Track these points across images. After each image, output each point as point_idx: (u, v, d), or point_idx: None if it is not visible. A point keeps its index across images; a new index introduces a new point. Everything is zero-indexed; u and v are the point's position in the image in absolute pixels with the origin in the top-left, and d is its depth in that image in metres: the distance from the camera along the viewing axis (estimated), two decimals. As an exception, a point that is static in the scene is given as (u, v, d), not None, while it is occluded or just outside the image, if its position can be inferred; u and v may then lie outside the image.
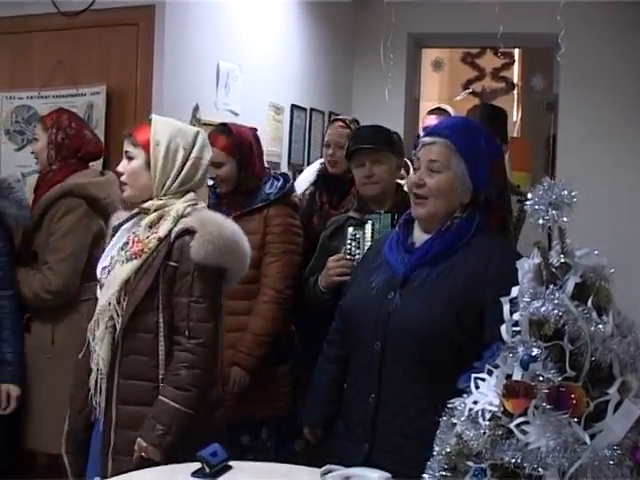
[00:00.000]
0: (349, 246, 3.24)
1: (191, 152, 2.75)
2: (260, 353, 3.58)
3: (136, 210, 2.81)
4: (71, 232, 3.47)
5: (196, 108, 4.38)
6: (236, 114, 4.79)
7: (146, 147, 2.73)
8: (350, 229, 3.26)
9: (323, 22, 6.30)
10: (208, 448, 2.30)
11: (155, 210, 2.71)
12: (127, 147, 2.77)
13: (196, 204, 2.76)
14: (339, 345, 2.70)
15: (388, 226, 3.15)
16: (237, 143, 3.66)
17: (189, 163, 2.75)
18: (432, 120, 4.70)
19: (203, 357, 2.65)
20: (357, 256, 3.20)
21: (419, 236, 2.51)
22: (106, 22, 4.25)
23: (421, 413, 2.33)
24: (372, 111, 6.14)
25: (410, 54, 7.06)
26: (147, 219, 2.72)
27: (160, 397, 2.60)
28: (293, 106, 5.86)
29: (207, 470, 2.25)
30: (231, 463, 2.32)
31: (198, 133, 2.81)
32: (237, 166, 3.64)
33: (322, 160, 4.31)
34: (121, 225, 2.82)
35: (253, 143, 3.75)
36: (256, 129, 5.01)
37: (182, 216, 2.68)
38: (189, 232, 2.65)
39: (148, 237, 2.68)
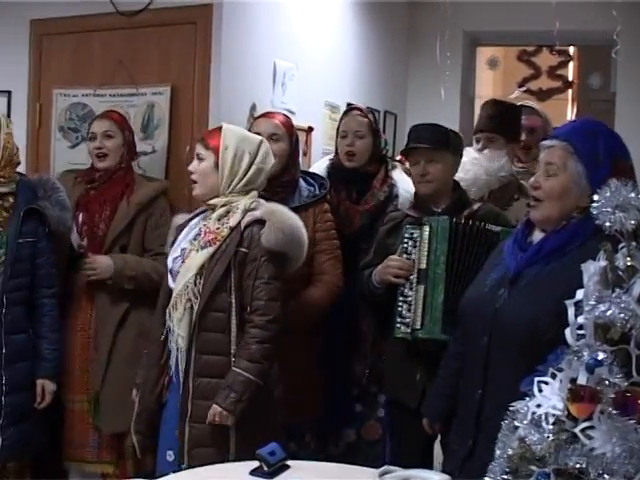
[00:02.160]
0: (406, 245, 3.23)
1: (255, 158, 3.09)
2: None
3: (202, 208, 3.16)
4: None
5: (253, 107, 4.39)
6: (292, 113, 4.79)
7: (216, 150, 3.07)
8: (408, 227, 3.25)
9: (379, 20, 6.28)
10: (267, 447, 2.32)
11: (222, 206, 3.04)
12: (199, 150, 3.11)
13: (259, 200, 3.09)
14: (461, 341, 2.73)
15: (446, 229, 3.15)
16: (292, 125, 3.72)
17: (254, 168, 3.08)
18: None
19: (273, 333, 2.94)
20: (413, 255, 3.20)
21: (537, 235, 2.52)
22: (164, 21, 4.26)
23: None
24: (427, 109, 6.11)
25: (465, 52, 7.01)
26: (216, 213, 3.04)
27: (234, 368, 2.90)
28: (349, 105, 5.85)
29: (265, 469, 2.27)
30: (289, 462, 2.33)
31: (262, 142, 3.15)
32: (289, 149, 3.61)
33: (331, 156, 4.08)
34: (187, 222, 3.16)
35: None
36: (312, 128, 5.06)
37: (249, 209, 3.02)
38: (258, 222, 2.99)
39: (219, 228, 3.00)
